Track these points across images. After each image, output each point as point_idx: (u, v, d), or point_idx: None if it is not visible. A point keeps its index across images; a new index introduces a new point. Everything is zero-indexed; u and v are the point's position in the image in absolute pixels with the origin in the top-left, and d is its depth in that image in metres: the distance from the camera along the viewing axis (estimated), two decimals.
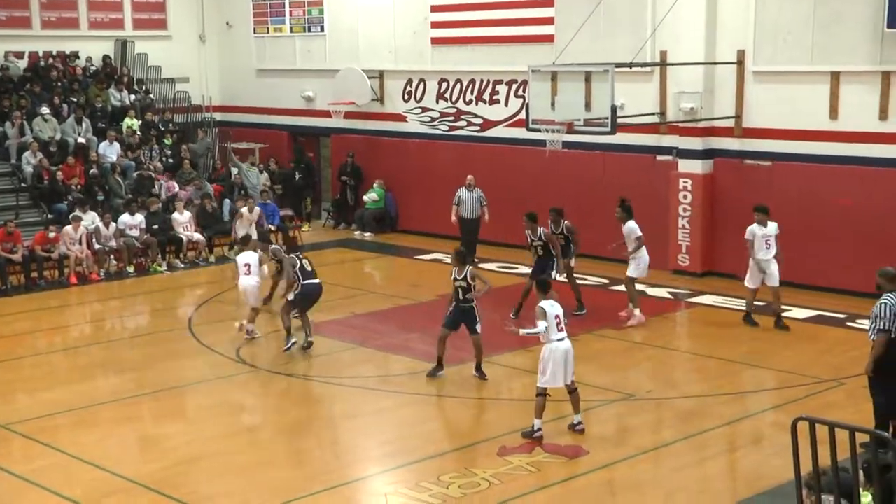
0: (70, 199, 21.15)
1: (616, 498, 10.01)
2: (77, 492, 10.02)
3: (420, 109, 23.72)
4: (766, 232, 15.22)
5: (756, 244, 15.23)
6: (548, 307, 11.13)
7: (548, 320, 11.04)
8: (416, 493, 9.90)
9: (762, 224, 15.24)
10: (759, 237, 15.22)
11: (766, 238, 15.23)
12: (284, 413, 12.71)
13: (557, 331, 11.09)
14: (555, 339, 11.07)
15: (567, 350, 11.19)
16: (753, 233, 15.25)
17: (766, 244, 15.24)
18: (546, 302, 11.20)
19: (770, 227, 15.26)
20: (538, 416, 11.18)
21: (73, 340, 16.32)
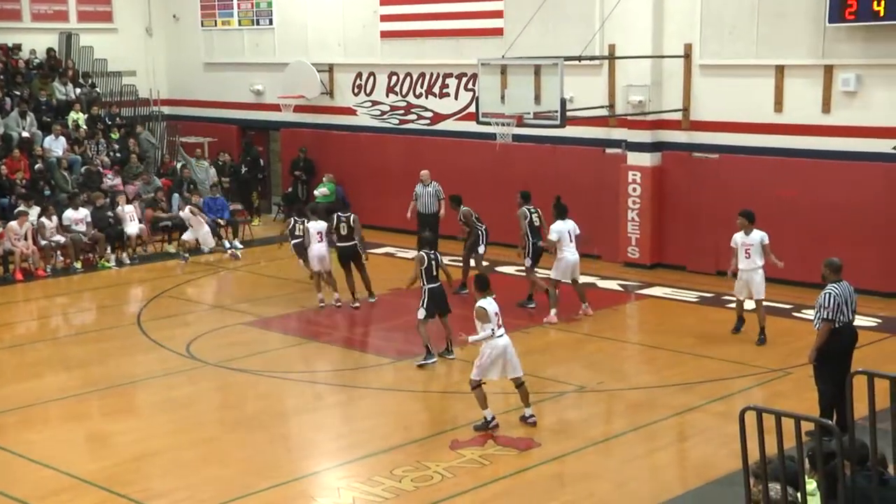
0: (14, 195, 20.83)
1: (567, 489, 10.09)
2: (24, 491, 9.89)
3: (370, 103, 23.67)
4: (747, 240, 14.21)
5: (738, 253, 14.29)
6: (487, 305, 11.15)
7: (489, 319, 11.07)
8: (368, 486, 9.90)
9: (745, 231, 14.26)
10: (739, 245, 14.28)
11: (746, 247, 14.21)
12: (235, 408, 12.64)
13: (497, 327, 11.16)
14: (496, 336, 11.13)
15: (507, 345, 11.25)
16: (735, 241, 14.34)
17: (747, 253, 14.20)
18: (485, 300, 11.20)
19: (753, 236, 14.19)
20: (484, 406, 11.24)
21: (19, 337, 16.08)
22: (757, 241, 14.16)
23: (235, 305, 17.04)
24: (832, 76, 17.08)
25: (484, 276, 11.71)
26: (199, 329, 15.79)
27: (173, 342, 15.07)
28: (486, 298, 11.21)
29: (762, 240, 14.17)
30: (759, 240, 14.17)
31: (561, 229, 15.61)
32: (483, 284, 11.38)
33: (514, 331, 15.18)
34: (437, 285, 14.01)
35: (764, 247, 14.18)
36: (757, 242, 14.15)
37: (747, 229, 14.23)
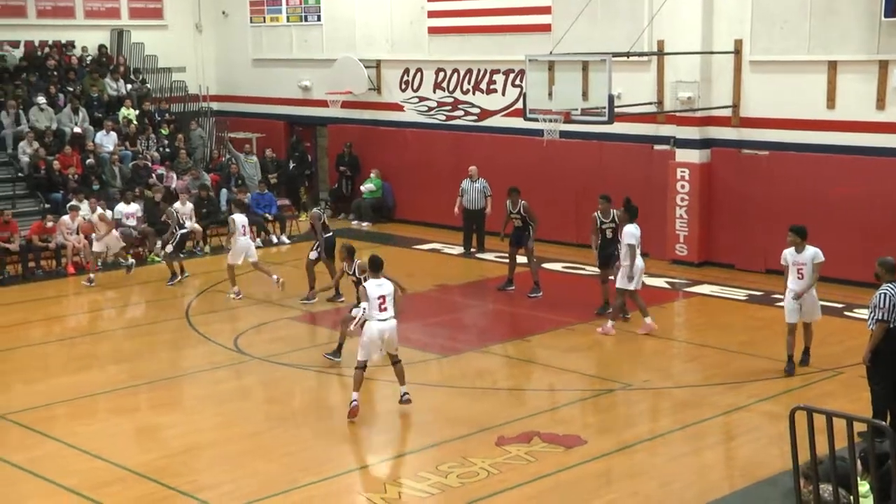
0: (66, 190, 21.12)
1: (612, 487, 10.03)
2: (74, 481, 10.02)
3: (417, 99, 23.68)
4: (798, 259, 12.75)
5: (789, 272, 12.87)
6: (370, 288, 11.58)
7: (369, 301, 11.49)
8: (414, 482, 9.91)
9: (797, 248, 12.78)
10: (790, 264, 12.84)
11: (798, 266, 12.77)
12: (282, 403, 12.72)
13: (380, 310, 11.53)
14: (375, 318, 11.52)
15: (383, 329, 11.57)
16: (786, 258, 12.89)
17: (800, 273, 12.77)
18: (373, 281, 11.65)
19: (806, 254, 12.72)
20: (356, 389, 11.56)
21: (69, 331, 16.30)
22: (809, 258, 12.71)
23: (283, 300, 17.14)
24: (887, 72, 16.80)
25: (378, 259, 11.96)
26: (246, 323, 15.91)
27: (221, 336, 15.20)
28: (376, 279, 11.66)
29: (814, 257, 12.74)
30: (812, 257, 12.72)
31: (638, 234, 14.71)
32: (376, 266, 11.81)
33: (559, 328, 15.22)
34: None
35: (815, 265, 12.74)
36: (809, 261, 12.70)
37: (799, 246, 12.76)
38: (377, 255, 12.06)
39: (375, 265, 11.85)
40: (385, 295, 11.58)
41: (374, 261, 11.92)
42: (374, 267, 11.83)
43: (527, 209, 17.07)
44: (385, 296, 11.57)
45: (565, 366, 13.62)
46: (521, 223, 17.11)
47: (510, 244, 17.38)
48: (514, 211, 17.12)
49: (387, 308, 11.56)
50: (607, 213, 15.55)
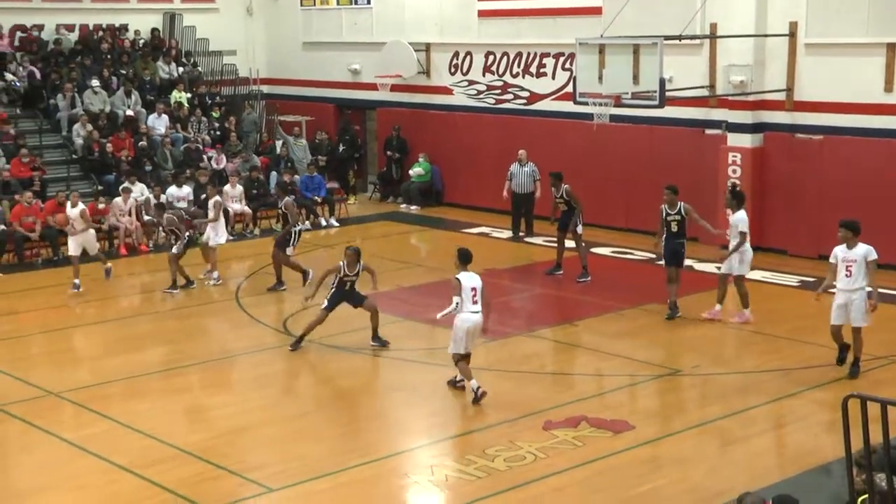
0: (119, 172, 21.36)
1: (660, 473, 9.96)
2: (126, 459, 10.16)
3: (466, 82, 23.62)
4: (849, 255, 11.99)
5: (838, 269, 12.10)
6: (464, 279, 11.39)
7: (462, 293, 11.28)
8: (461, 465, 9.92)
9: (848, 245, 12.02)
10: (840, 262, 12.04)
11: (847, 264, 11.98)
12: (330, 385, 12.79)
13: (472, 303, 11.38)
14: (467, 311, 11.35)
15: (476, 322, 11.46)
16: (836, 256, 12.11)
17: (848, 271, 11.97)
18: (464, 273, 11.47)
19: (857, 250, 11.94)
20: (470, 377, 11.51)
21: (122, 311, 16.51)
22: (861, 256, 11.92)
23: (331, 283, 17.18)
24: None
25: (467, 251, 11.78)
26: (295, 306, 15.99)
27: (270, 318, 15.31)
28: (466, 272, 11.50)
29: (867, 255, 11.95)
30: (864, 255, 11.93)
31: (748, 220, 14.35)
32: (465, 258, 11.63)
33: (607, 313, 15.14)
34: None
35: (869, 263, 11.94)
36: (861, 258, 11.91)
37: (850, 242, 12.00)
38: (466, 248, 11.87)
39: (466, 257, 11.67)
40: (476, 287, 11.45)
41: (464, 253, 11.72)
42: (465, 259, 11.66)
43: (570, 193, 16.95)
44: (476, 288, 11.44)
45: (613, 351, 13.55)
46: (567, 207, 17.03)
47: (558, 229, 17.32)
48: (557, 196, 17.04)
49: (478, 301, 11.43)
50: (674, 204, 14.82)
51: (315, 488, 9.56)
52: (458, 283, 11.43)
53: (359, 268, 13.52)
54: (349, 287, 13.55)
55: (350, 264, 13.45)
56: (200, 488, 9.52)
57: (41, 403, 11.86)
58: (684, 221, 14.79)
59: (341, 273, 13.43)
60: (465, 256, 11.69)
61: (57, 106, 23.08)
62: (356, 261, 13.48)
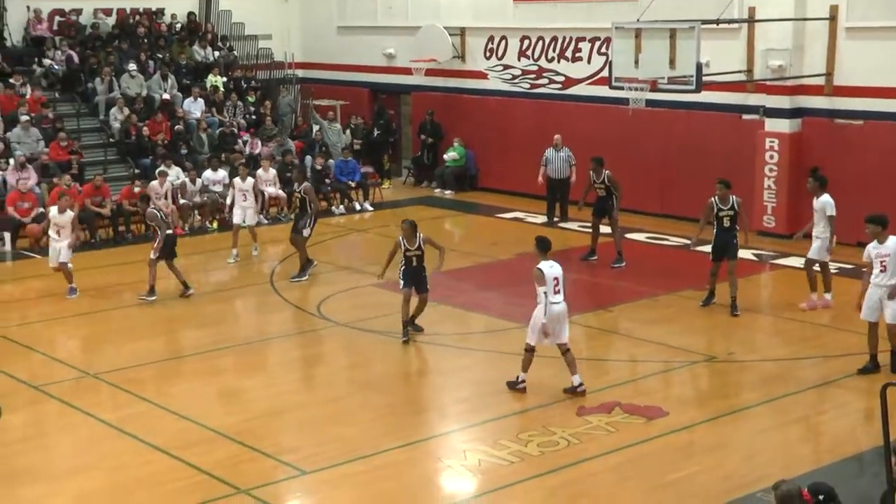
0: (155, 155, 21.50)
1: (694, 459, 9.92)
2: (162, 440, 10.26)
3: (501, 67, 23.54)
4: (881, 250, 11.66)
5: (872, 266, 11.74)
6: (546, 269, 11.04)
7: (546, 283, 10.93)
8: (494, 450, 9.93)
9: (879, 239, 11.71)
10: (873, 258, 11.72)
11: (881, 258, 11.66)
12: (363, 369, 12.83)
13: (554, 293, 11.01)
14: (550, 301, 10.97)
15: (560, 312, 11.11)
16: (868, 253, 11.77)
17: (882, 266, 11.64)
18: (545, 263, 11.10)
19: (889, 244, 11.62)
20: (525, 369, 11.26)
21: (158, 293, 16.60)
22: (893, 249, 11.59)
23: (365, 267, 17.24)
24: None
25: (545, 239, 11.44)
26: (329, 290, 16.06)
27: (304, 302, 15.37)
28: (546, 261, 11.11)
29: None
30: None
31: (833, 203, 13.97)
32: (544, 246, 11.26)
33: (641, 299, 15.06)
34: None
35: None
36: (894, 251, 11.58)
37: (881, 237, 11.70)
38: (545, 236, 11.50)
39: (546, 246, 11.29)
40: (558, 276, 11.08)
41: (543, 242, 11.30)
42: (545, 248, 11.25)
43: (611, 179, 16.89)
44: (558, 277, 11.08)
45: (648, 337, 13.49)
46: (605, 193, 16.95)
47: (593, 214, 17.23)
48: (597, 181, 16.96)
49: (560, 290, 11.08)
50: (726, 199, 14.31)
51: (349, 471, 9.60)
52: (541, 273, 10.96)
53: (418, 241, 13.17)
54: (416, 263, 13.24)
55: (408, 238, 13.15)
56: (235, 470, 9.59)
57: (78, 385, 12.00)
58: (737, 216, 14.32)
59: (402, 248, 13.21)
60: (544, 245, 11.28)
61: (95, 90, 23.24)
62: (413, 234, 13.15)
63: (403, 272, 13.25)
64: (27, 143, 20.85)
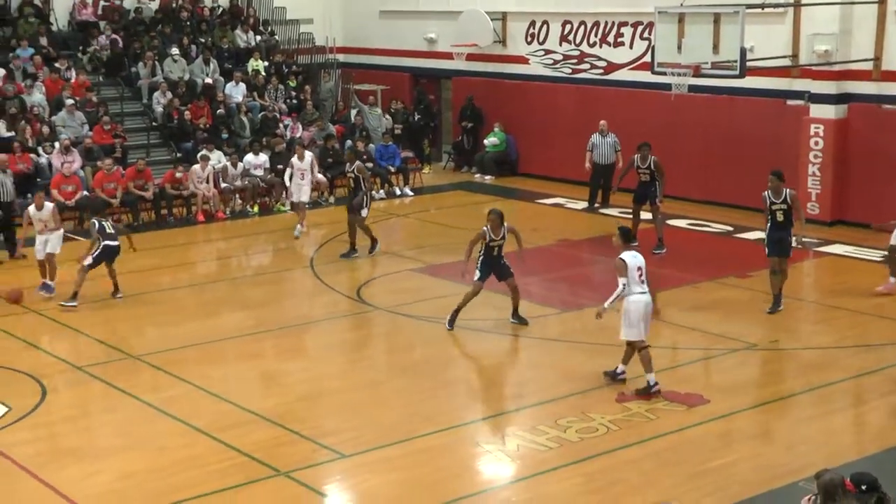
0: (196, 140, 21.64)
1: (734, 448, 9.85)
2: (203, 422, 10.35)
3: (543, 52, 23.42)
4: None
5: None
6: (629, 259, 10.83)
7: (629, 273, 10.73)
8: (533, 435, 9.92)
9: None
10: None
11: None
12: (402, 353, 12.85)
13: (639, 283, 10.78)
14: (636, 292, 10.76)
15: (648, 303, 10.88)
16: None
17: None
18: (627, 253, 10.89)
19: None
20: (650, 370, 10.83)
21: (199, 277, 16.77)
22: None
23: (404, 252, 17.29)
24: None
25: (628, 229, 11.27)
26: (368, 274, 16.11)
27: (344, 286, 15.42)
28: (629, 251, 10.92)
29: None
30: None
31: None
32: (627, 237, 11.12)
33: (682, 285, 14.96)
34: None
35: None
36: None
37: None
38: (627, 227, 11.37)
39: (629, 236, 11.21)
40: (641, 266, 10.82)
41: (626, 232, 11.23)
42: (627, 238, 11.17)
43: (656, 164, 16.75)
44: (641, 267, 10.82)
45: (688, 324, 13.40)
46: (649, 178, 16.82)
47: (634, 200, 17.12)
48: (643, 166, 16.82)
49: (644, 280, 10.85)
50: (779, 192, 13.64)
51: (388, 455, 9.63)
52: (623, 264, 10.73)
53: (504, 230, 13.01)
54: (497, 252, 13.12)
55: (494, 228, 12.96)
56: (275, 452, 9.65)
57: (121, 366, 12.13)
58: (790, 210, 13.67)
59: (486, 238, 13.02)
60: (627, 235, 11.17)
61: (138, 74, 23.42)
62: (500, 223, 12.95)
63: (482, 263, 13.08)
64: (72, 127, 21.07)
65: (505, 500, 9.00)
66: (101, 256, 14.48)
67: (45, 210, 15.06)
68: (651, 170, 16.77)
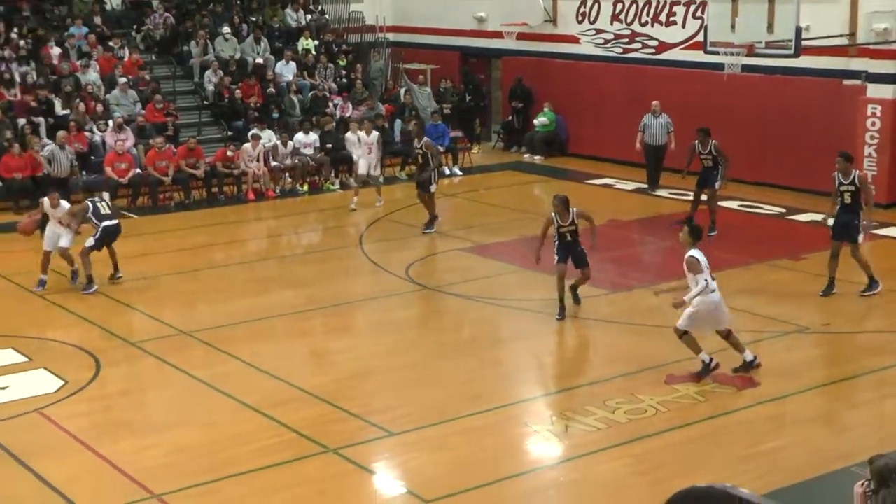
0: (247, 118, 21.77)
1: (784, 431, 9.77)
2: (254, 398, 10.45)
3: (593, 31, 23.23)
4: None
5: None
6: (700, 256, 10.52)
7: (703, 270, 10.44)
8: (581, 416, 9.90)
9: None
10: None
11: None
12: (451, 332, 12.88)
13: (712, 279, 10.50)
14: (711, 289, 10.44)
15: (721, 301, 10.61)
16: None
17: None
18: (696, 251, 10.57)
19: None
20: (698, 350, 10.71)
21: (249, 255, 16.90)
22: None
23: (453, 231, 17.29)
24: None
25: (698, 227, 10.90)
26: (417, 253, 16.14)
27: (393, 265, 15.46)
28: (697, 249, 10.61)
29: None
30: None
31: None
32: (697, 234, 10.73)
33: (733, 268, 14.81)
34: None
35: None
36: None
37: None
38: (698, 224, 11.00)
39: (699, 234, 10.79)
40: (706, 263, 10.50)
41: (697, 230, 10.78)
42: (698, 235, 10.70)
43: (717, 149, 16.31)
44: (707, 263, 10.50)
45: (739, 306, 13.21)
46: (712, 164, 16.44)
47: (697, 185, 16.68)
48: (703, 152, 16.41)
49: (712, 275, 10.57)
50: (847, 172, 13.27)
51: (435, 433, 9.67)
52: (696, 261, 10.40)
53: (572, 215, 12.64)
54: (570, 239, 12.76)
55: (560, 213, 12.63)
56: (323, 430, 9.73)
57: (173, 342, 12.28)
58: (858, 192, 13.28)
59: (555, 224, 12.78)
60: (698, 233, 10.70)
61: (190, 52, 23.60)
62: (566, 208, 12.61)
63: (558, 247, 12.87)
64: (125, 105, 21.30)
65: (553, 481, 9.00)
66: (102, 238, 14.18)
67: (60, 209, 14.37)
68: (713, 155, 16.44)
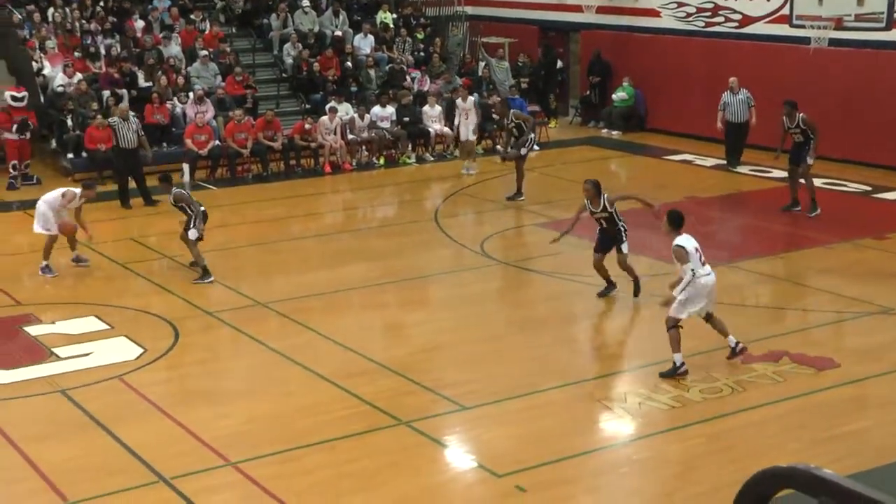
0: (325, 91, 21.88)
1: (865, 413, 9.55)
2: (328, 369, 10.53)
3: (675, 4, 22.84)
4: None
5: None
6: (685, 243, 10.11)
7: (690, 257, 10.06)
8: (655, 394, 9.80)
9: None
10: None
11: None
12: (525, 308, 12.83)
13: (702, 264, 10.14)
14: (702, 274, 10.10)
15: (714, 283, 10.26)
16: None
17: None
18: (681, 238, 10.16)
19: None
20: (678, 349, 10.23)
21: (325, 227, 17.03)
22: None
23: (529, 206, 17.20)
24: None
25: (678, 213, 10.43)
26: (492, 228, 16.09)
27: (468, 239, 15.45)
28: (681, 235, 10.20)
29: None
30: None
31: None
32: (677, 221, 10.28)
33: (816, 247, 14.53)
34: None
35: None
36: None
37: None
38: (677, 210, 10.60)
39: (680, 221, 10.30)
40: (698, 247, 10.11)
41: (677, 217, 10.34)
42: (679, 223, 10.28)
43: (806, 122, 15.71)
44: (698, 247, 10.10)
45: (821, 286, 13.01)
46: (802, 138, 15.80)
47: (790, 161, 16.11)
48: (792, 126, 15.82)
49: (704, 260, 10.25)
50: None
51: (507, 408, 9.65)
52: (682, 250, 10.05)
53: (603, 201, 12.14)
54: (605, 226, 12.35)
55: (591, 199, 12.16)
56: (396, 402, 9.77)
57: (249, 312, 12.42)
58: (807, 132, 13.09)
59: (587, 211, 12.34)
60: (678, 220, 10.30)
61: (270, 25, 23.77)
62: (596, 194, 12.12)
63: (598, 234, 12.54)
64: (205, 78, 21.55)
65: (625, 458, 8.93)
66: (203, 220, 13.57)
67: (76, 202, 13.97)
68: (802, 128, 15.83)
